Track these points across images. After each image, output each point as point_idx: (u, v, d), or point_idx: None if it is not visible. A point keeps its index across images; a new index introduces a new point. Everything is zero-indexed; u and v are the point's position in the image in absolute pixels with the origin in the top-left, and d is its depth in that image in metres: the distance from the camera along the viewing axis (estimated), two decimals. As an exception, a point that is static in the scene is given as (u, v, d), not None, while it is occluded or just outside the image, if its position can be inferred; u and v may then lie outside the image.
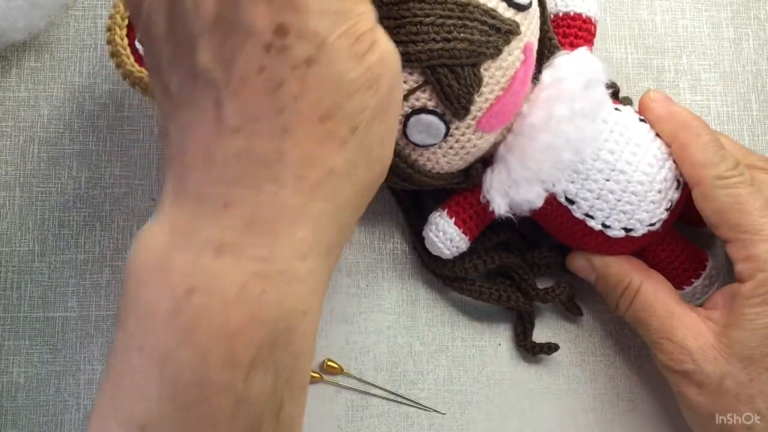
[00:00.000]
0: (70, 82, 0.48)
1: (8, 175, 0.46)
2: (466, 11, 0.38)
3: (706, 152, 0.42)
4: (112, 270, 0.46)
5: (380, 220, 0.48)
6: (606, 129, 0.42)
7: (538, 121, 0.41)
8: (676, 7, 0.51)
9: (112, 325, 0.45)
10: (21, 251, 0.46)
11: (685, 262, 0.44)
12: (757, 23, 0.52)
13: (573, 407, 0.46)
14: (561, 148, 0.40)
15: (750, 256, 0.41)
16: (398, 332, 0.46)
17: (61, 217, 0.46)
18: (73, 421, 0.44)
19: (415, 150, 0.41)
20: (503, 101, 0.40)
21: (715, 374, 0.40)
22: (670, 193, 0.42)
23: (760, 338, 0.40)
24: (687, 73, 0.50)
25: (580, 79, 0.41)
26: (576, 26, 0.44)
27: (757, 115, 0.50)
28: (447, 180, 0.43)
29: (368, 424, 0.45)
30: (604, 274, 0.44)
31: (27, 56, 0.48)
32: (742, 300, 0.41)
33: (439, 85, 0.38)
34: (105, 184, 0.47)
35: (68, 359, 0.45)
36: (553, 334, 0.47)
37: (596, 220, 0.42)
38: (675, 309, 0.42)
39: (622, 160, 0.42)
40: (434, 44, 0.37)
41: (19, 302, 0.45)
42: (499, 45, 0.38)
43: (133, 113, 0.47)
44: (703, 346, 0.41)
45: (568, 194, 0.42)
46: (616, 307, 0.44)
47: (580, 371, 0.47)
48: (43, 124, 0.47)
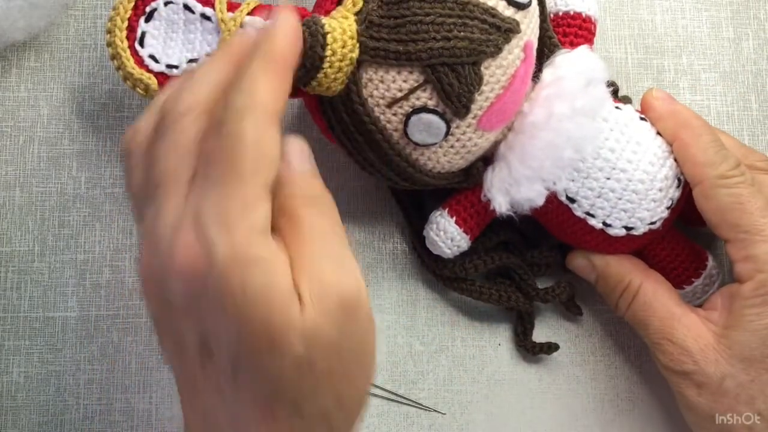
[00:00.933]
0: (70, 82, 0.48)
1: (8, 175, 0.46)
2: (466, 10, 0.38)
3: (707, 152, 0.42)
4: (112, 270, 0.46)
5: (380, 220, 0.48)
6: (606, 127, 0.42)
7: (539, 120, 0.41)
8: (676, 6, 0.51)
9: (112, 325, 0.45)
10: (21, 251, 0.46)
11: (686, 261, 0.44)
12: (757, 23, 0.52)
13: (573, 407, 0.46)
14: (562, 146, 0.40)
15: (750, 257, 0.41)
16: (398, 332, 0.46)
17: (61, 217, 0.46)
18: (73, 421, 0.44)
19: (416, 149, 0.41)
20: (504, 100, 0.40)
21: (715, 375, 0.40)
22: (670, 192, 0.42)
23: (760, 339, 0.40)
24: (687, 73, 0.51)
25: (581, 77, 0.41)
26: (576, 25, 0.44)
27: (757, 115, 0.50)
28: (448, 179, 0.43)
29: (368, 424, 0.45)
30: (605, 273, 0.44)
31: (27, 56, 0.48)
32: (742, 301, 0.41)
33: (440, 84, 0.38)
34: (105, 184, 0.47)
35: (68, 359, 0.45)
36: (553, 334, 0.47)
37: (597, 218, 0.42)
38: (675, 310, 0.42)
39: (622, 158, 0.42)
40: (434, 43, 0.38)
41: (19, 302, 0.45)
42: (500, 43, 0.38)
43: (133, 113, 0.47)
44: (704, 347, 0.41)
45: (568, 193, 0.42)
46: (616, 307, 0.44)
47: (580, 371, 0.47)
48: (43, 124, 0.47)
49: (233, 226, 0.30)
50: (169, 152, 0.32)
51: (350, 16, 0.38)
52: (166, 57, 0.41)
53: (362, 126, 0.40)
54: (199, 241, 0.30)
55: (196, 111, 0.32)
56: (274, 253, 0.30)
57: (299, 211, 0.32)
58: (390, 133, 0.40)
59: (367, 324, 0.32)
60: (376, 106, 0.39)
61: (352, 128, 0.40)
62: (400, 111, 0.39)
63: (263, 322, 0.29)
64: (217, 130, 0.31)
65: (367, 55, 0.38)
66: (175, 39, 0.41)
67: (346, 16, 0.38)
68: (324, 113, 0.41)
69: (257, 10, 0.41)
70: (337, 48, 0.38)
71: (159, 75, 0.41)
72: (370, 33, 0.38)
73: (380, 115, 0.39)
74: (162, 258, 0.31)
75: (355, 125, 0.40)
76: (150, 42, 0.41)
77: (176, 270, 0.30)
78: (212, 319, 0.30)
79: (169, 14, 0.41)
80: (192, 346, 0.31)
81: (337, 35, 0.38)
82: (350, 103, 0.39)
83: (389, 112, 0.39)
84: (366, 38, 0.38)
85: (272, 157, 0.31)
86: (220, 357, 0.30)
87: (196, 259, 0.30)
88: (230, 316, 0.29)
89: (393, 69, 0.38)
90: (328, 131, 0.41)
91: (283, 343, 0.30)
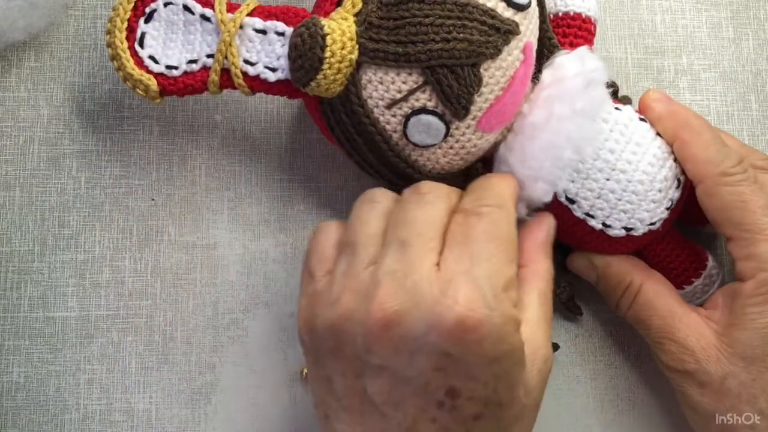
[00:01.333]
0: (70, 82, 0.48)
1: (8, 175, 0.46)
2: (466, 11, 0.38)
3: (708, 149, 0.42)
4: (112, 270, 0.46)
5: (380, 220, 0.48)
6: (606, 128, 0.42)
7: (539, 121, 0.41)
8: (676, 7, 0.51)
9: (112, 325, 0.45)
10: (21, 251, 0.46)
11: (686, 261, 0.44)
12: (757, 23, 0.51)
13: (573, 407, 0.46)
14: (561, 146, 0.40)
15: (752, 255, 0.41)
16: (398, 332, 0.46)
17: (61, 217, 0.46)
18: (73, 421, 0.44)
19: (415, 150, 0.41)
20: (503, 101, 0.40)
21: (717, 374, 0.40)
22: (670, 193, 0.42)
23: (762, 338, 0.40)
24: (687, 73, 0.50)
25: (581, 78, 0.41)
26: (576, 26, 0.44)
27: (757, 115, 0.50)
28: (447, 180, 0.43)
29: (368, 424, 0.45)
30: (605, 274, 0.44)
31: (27, 56, 0.48)
32: (744, 299, 0.41)
33: (439, 85, 0.38)
34: (105, 184, 0.47)
35: (68, 359, 0.45)
36: (553, 334, 0.47)
37: (597, 219, 0.42)
38: (676, 309, 0.42)
39: (622, 159, 0.42)
40: (434, 44, 0.37)
41: (19, 302, 0.45)
42: (499, 45, 0.38)
43: (133, 113, 0.47)
44: (705, 346, 0.41)
45: (568, 194, 0.42)
46: (617, 307, 0.44)
47: (580, 371, 0.47)
48: (43, 124, 0.47)
49: (505, 297, 0.35)
50: (425, 218, 0.37)
51: (349, 17, 0.38)
52: (166, 58, 0.41)
53: (362, 127, 0.40)
54: (480, 302, 0.34)
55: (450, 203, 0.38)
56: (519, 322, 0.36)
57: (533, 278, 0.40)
58: (389, 134, 0.40)
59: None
60: (375, 108, 0.39)
61: (352, 129, 0.40)
62: (399, 112, 0.39)
63: (510, 379, 0.35)
64: (470, 219, 0.37)
65: (367, 57, 0.38)
66: (175, 40, 0.41)
67: (345, 18, 0.38)
68: (324, 114, 0.41)
69: (257, 11, 0.41)
70: (337, 49, 0.38)
71: (159, 76, 0.41)
72: (369, 34, 0.38)
73: (379, 116, 0.39)
74: (420, 308, 0.34)
75: (354, 126, 0.40)
76: (150, 43, 0.41)
77: (446, 322, 0.34)
78: (465, 369, 0.34)
79: (169, 15, 0.41)
80: (428, 388, 0.35)
81: (337, 37, 0.38)
82: (350, 105, 0.39)
83: (388, 113, 0.39)
84: (365, 40, 0.38)
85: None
86: (466, 404, 0.35)
87: (470, 316, 0.34)
88: (487, 371, 0.34)
89: (392, 70, 0.38)
90: (328, 132, 0.41)
91: (516, 397, 0.36)
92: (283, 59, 0.40)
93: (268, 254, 0.47)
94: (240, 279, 0.46)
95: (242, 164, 0.47)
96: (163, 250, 0.46)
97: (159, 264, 0.46)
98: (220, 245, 0.46)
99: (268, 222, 0.47)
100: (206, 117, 0.48)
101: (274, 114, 0.48)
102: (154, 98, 0.41)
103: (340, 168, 0.48)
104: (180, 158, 0.47)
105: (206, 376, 0.45)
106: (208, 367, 0.45)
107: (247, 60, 0.41)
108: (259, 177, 0.47)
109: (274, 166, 0.47)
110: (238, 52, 0.41)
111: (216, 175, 0.47)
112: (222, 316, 0.46)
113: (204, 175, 0.47)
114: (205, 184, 0.47)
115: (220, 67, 0.41)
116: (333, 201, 0.47)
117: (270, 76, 0.41)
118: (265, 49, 0.41)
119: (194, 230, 0.47)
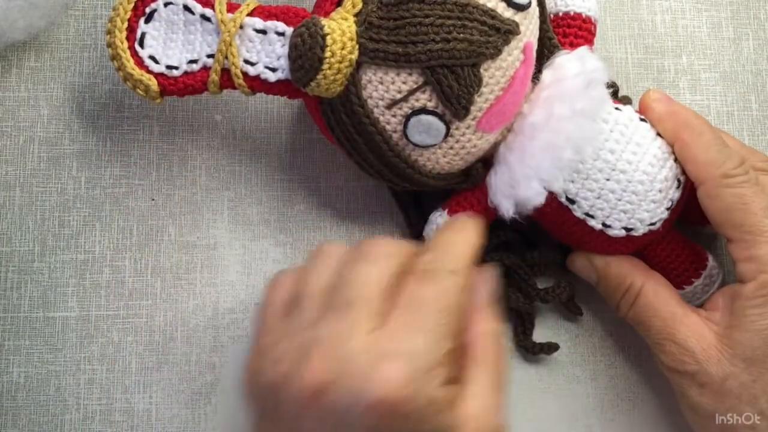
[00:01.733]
0: (70, 82, 0.48)
1: (8, 175, 0.46)
2: (466, 11, 0.38)
3: (709, 151, 0.41)
4: (112, 270, 0.46)
5: (380, 220, 0.48)
6: (606, 128, 0.42)
7: (539, 121, 0.41)
8: (676, 7, 0.51)
9: (112, 325, 0.45)
10: (21, 251, 0.46)
11: (686, 261, 0.44)
12: (757, 23, 0.51)
13: (573, 407, 0.46)
14: (561, 146, 0.40)
15: (753, 257, 0.41)
16: (398, 332, 0.46)
17: (61, 217, 0.46)
18: (73, 421, 0.44)
19: (415, 150, 0.41)
20: (503, 101, 0.40)
21: (718, 375, 0.40)
22: (670, 193, 0.42)
23: (762, 339, 0.40)
24: (687, 73, 0.50)
25: (581, 78, 0.41)
26: (576, 26, 0.44)
27: (757, 115, 0.50)
28: (447, 180, 0.43)
29: (368, 424, 0.45)
30: (606, 274, 0.44)
31: (27, 56, 0.48)
32: (744, 301, 0.41)
33: (439, 85, 0.38)
34: (105, 184, 0.47)
35: (68, 359, 0.45)
36: (553, 334, 0.47)
37: (597, 219, 0.42)
38: (677, 310, 0.42)
39: (622, 159, 0.42)
40: (434, 45, 0.37)
41: (19, 302, 0.45)
42: (499, 45, 0.38)
43: (133, 113, 0.47)
44: (706, 347, 0.41)
45: (568, 194, 0.42)
46: (617, 308, 0.44)
47: (580, 371, 0.47)
48: (43, 124, 0.47)
49: (436, 375, 0.34)
50: (370, 279, 0.36)
51: (350, 17, 0.38)
52: (166, 58, 0.41)
53: (362, 127, 0.40)
54: (407, 380, 0.33)
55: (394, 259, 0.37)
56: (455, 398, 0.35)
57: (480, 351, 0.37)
58: (389, 135, 0.40)
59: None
60: (375, 108, 0.39)
61: (352, 129, 0.40)
62: (399, 112, 0.39)
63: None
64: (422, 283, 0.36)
65: (367, 57, 0.38)
66: (175, 40, 0.41)
67: (345, 18, 0.38)
68: (324, 114, 0.41)
69: (257, 11, 0.41)
70: (337, 49, 0.38)
71: (159, 76, 0.41)
72: (369, 34, 0.38)
73: (380, 117, 0.39)
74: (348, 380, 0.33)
75: (354, 126, 0.40)
76: (150, 43, 0.41)
77: (372, 398, 0.33)
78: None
79: (169, 15, 0.41)
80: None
81: (337, 37, 0.38)
82: (350, 105, 0.39)
83: (389, 114, 0.39)
84: (365, 40, 0.38)
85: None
86: None
87: (394, 395, 0.33)
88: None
89: (392, 70, 0.38)
90: (328, 132, 0.41)
91: None
92: (283, 59, 0.40)
93: (268, 254, 0.47)
94: (240, 279, 0.46)
95: (242, 164, 0.47)
96: (163, 250, 0.46)
97: (159, 264, 0.46)
98: (220, 245, 0.46)
99: (268, 222, 0.47)
100: (206, 117, 0.48)
101: (274, 114, 0.48)
102: (155, 98, 0.41)
103: (340, 168, 0.48)
104: (180, 158, 0.47)
105: (206, 376, 0.45)
106: (208, 367, 0.45)
107: (247, 60, 0.41)
108: (259, 177, 0.47)
109: (274, 166, 0.47)
110: (239, 52, 0.41)
111: (216, 175, 0.47)
112: (222, 316, 0.46)
113: (204, 175, 0.47)
114: (205, 184, 0.47)
115: (220, 67, 0.41)
116: (333, 201, 0.47)
117: (270, 76, 0.41)
118: (265, 49, 0.41)
119: (194, 230, 0.47)
